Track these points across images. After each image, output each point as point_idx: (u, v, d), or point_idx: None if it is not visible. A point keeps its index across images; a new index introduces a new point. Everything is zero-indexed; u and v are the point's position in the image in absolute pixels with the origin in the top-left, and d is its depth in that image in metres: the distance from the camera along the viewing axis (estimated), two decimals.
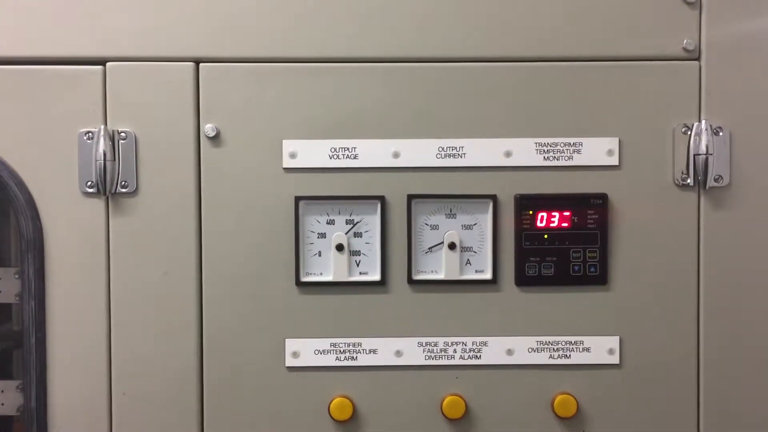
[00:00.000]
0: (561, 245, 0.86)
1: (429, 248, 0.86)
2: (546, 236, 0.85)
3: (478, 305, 0.85)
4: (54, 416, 0.84)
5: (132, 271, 0.84)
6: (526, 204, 0.84)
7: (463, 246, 0.86)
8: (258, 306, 0.85)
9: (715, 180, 0.85)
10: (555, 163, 0.84)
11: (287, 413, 0.86)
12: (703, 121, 0.84)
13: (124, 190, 0.84)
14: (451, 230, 0.86)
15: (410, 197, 0.84)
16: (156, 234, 0.85)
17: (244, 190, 0.84)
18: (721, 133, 0.85)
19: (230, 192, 0.84)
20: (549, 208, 0.85)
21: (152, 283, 0.84)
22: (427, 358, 0.86)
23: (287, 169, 0.84)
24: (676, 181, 0.85)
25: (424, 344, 0.86)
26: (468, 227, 0.86)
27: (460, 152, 0.84)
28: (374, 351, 0.86)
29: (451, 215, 0.86)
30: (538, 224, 0.85)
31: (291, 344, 0.86)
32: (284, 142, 0.83)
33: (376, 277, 0.86)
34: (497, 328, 0.86)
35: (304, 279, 0.86)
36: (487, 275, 0.86)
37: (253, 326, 0.85)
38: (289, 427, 0.86)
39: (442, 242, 0.86)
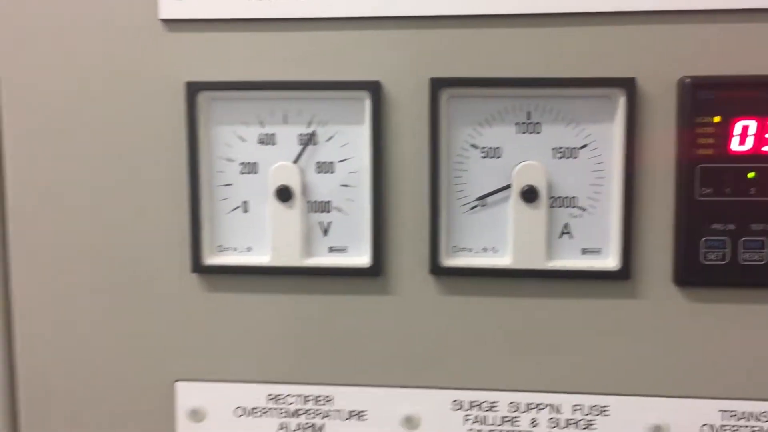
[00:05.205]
0: None
1: (478, 199, 0.39)
2: (753, 175, 0.37)
3: (591, 327, 0.38)
4: None
5: None
6: (707, 99, 0.35)
7: (556, 195, 0.39)
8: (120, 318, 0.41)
9: None
10: None
11: None
12: None
13: None
14: (529, 160, 0.38)
15: (435, 83, 0.37)
16: None
17: (82, 67, 0.39)
18: None
19: (50, 74, 0.40)
20: (764, 109, 0.36)
21: None
22: None
23: (169, 23, 0.39)
24: None
25: (461, 404, 0.40)
26: (565, 153, 0.38)
27: None
28: (361, 415, 0.40)
29: (529, 126, 0.39)
30: (734, 147, 0.37)
31: (185, 392, 0.41)
32: None
33: (362, 260, 0.40)
34: (627, 376, 0.39)
35: (209, 261, 0.40)
36: (610, 262, 0.38)
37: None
38: None
39: (509, 185, 0.38)
